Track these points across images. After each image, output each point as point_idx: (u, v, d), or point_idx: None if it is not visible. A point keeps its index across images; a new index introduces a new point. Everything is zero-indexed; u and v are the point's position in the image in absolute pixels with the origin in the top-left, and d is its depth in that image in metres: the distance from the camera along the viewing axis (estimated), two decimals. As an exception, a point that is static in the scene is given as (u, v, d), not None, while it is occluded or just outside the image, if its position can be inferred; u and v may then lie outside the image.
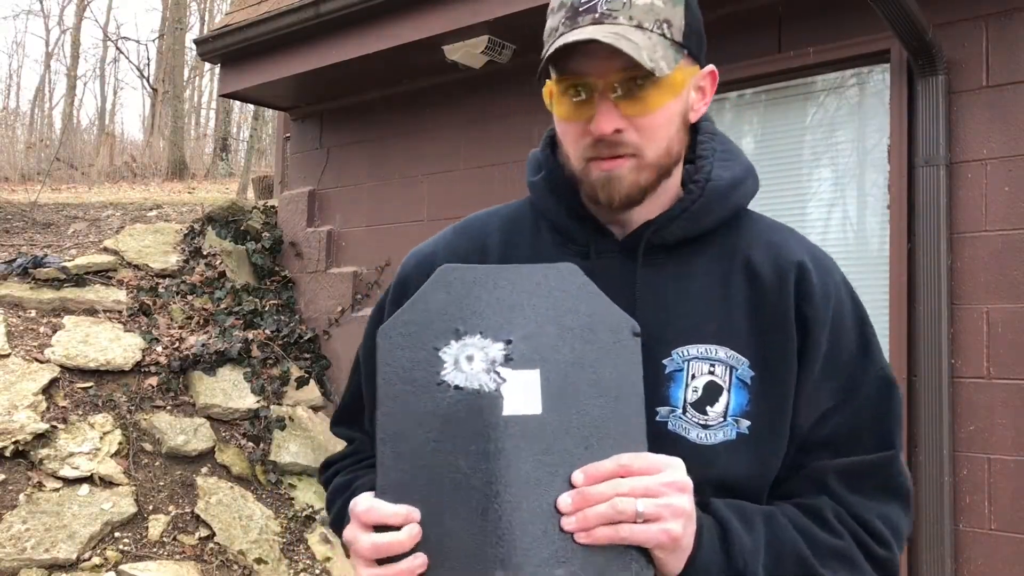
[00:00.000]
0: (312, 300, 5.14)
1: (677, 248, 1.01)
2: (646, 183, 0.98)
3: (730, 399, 0.97)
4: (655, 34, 0.92)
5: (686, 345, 0.97)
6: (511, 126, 4.34)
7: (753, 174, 1.07)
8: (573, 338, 0.88)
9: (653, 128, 0.95)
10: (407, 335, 0.87)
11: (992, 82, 2.94)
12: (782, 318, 0.98)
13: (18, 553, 3.31)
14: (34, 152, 14.20)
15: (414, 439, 0.84)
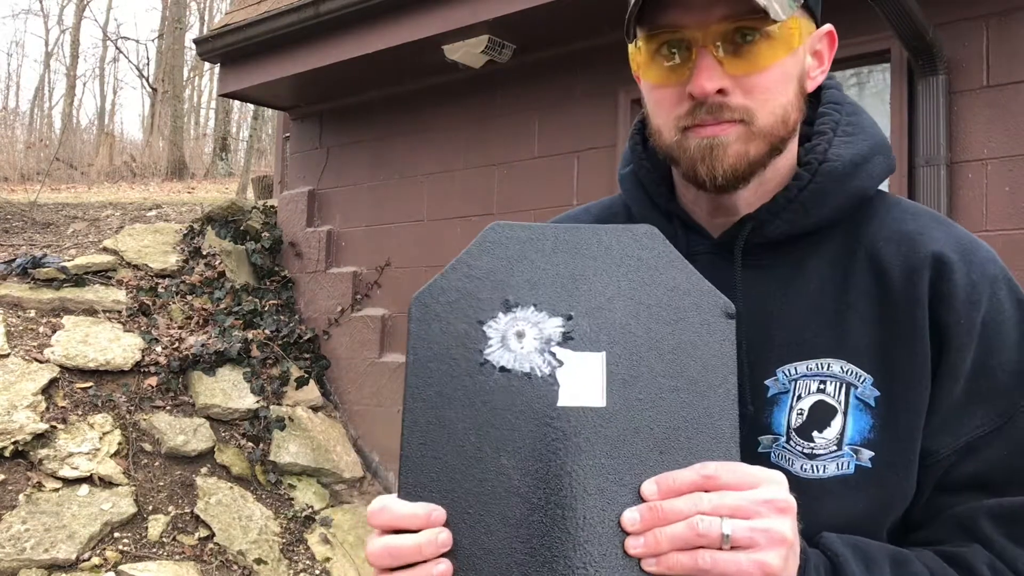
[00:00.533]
0: (312, 300, 5.14)
1: (785, 245, 0.85)
2: (756, 156, 0.81)
3: (847, 424, 0.79)
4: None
5: (793, 362, 0.82)
6: (511, 126, 4.34)
7: (884, 150, 0.88)
8: (649, 316, 0.72)
9: (765, 88, 0.80)
10: (446, 304, 0.72)
11: (992, 82, 2.94)
12: (912, 325, 0.80)
13: (17, 553, 3.31)
14: (33, 152, 14.20)
15: (448, 430, 0.69)
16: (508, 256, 0.74)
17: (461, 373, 0.70)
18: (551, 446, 0.68)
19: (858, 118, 0.89)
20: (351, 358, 4.88)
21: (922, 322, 0.80)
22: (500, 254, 0.74)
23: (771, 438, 0.81)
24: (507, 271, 0.73)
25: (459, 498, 0.68)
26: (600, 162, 3.99)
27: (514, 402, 0.69)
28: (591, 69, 4.04)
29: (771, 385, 0.82)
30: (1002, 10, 2.94)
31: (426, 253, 4.60)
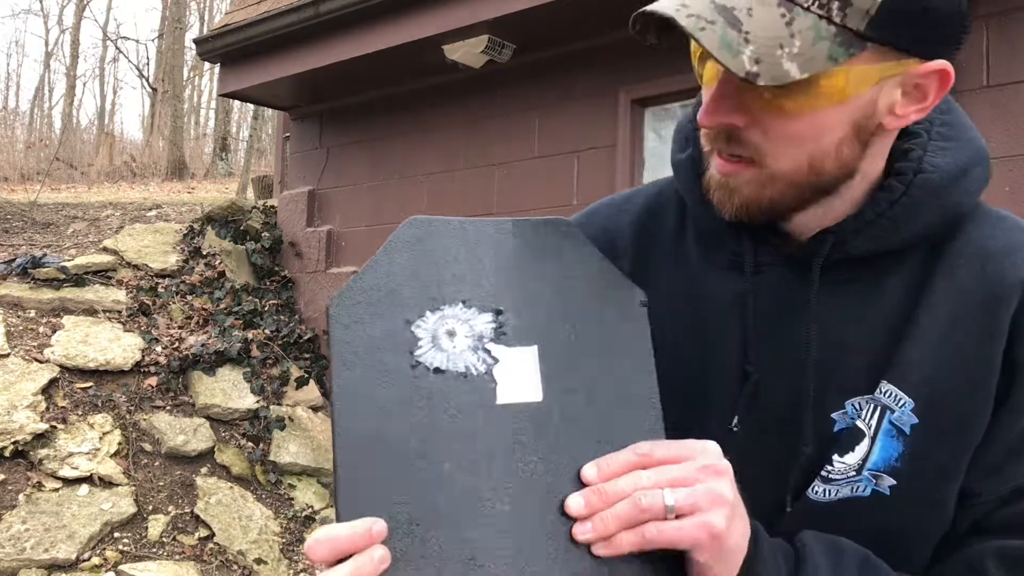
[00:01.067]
0: (312, 300, 5.14)
1: (863, 262, 0.75)
2: (778, 198, 0.72)
3: (872, 450, 0.72)
4: (812, 13, 0.63)
5: (864, 395, 0.73)
6: (511, 126, 4.34)
7: (983, 160, 0.76)
8: (570, 309, 0.71)
9: (787, 136, 0.68)
10: (369, 305, 0.67)
11: (993, 82, 2.94)
12: (980, 353, 0.71)
13: (17, 553, 3.31)
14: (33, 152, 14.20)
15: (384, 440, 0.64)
16: (429, 252, 0.70)
17: (393, 378, 0.66)
18: (494, 446, 0.66)
19: (954, 117, 0.77)
20: (351, 358, 4.88)
21: (994, 357, 0.71)
22: (421, 249, 0.70)
23: None
24: (430, 267, 0.70)
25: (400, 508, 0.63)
26: (600, 162, 3.99)
27: (452, 403, 0.66)
28: (591, 69, 4.04)
29: (838, 419, 0.73)
30: (1002, 10, 2.94)
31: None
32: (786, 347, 0.75)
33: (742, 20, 0.63)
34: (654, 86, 3.81)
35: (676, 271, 0.82)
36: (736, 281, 0.77)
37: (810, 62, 0.63)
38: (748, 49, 0.62)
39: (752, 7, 0.64)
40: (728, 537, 0.62)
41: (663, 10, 0.64)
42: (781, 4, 0.63)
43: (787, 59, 0.62)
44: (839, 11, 0.63)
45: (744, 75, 0.62)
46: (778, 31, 0.63)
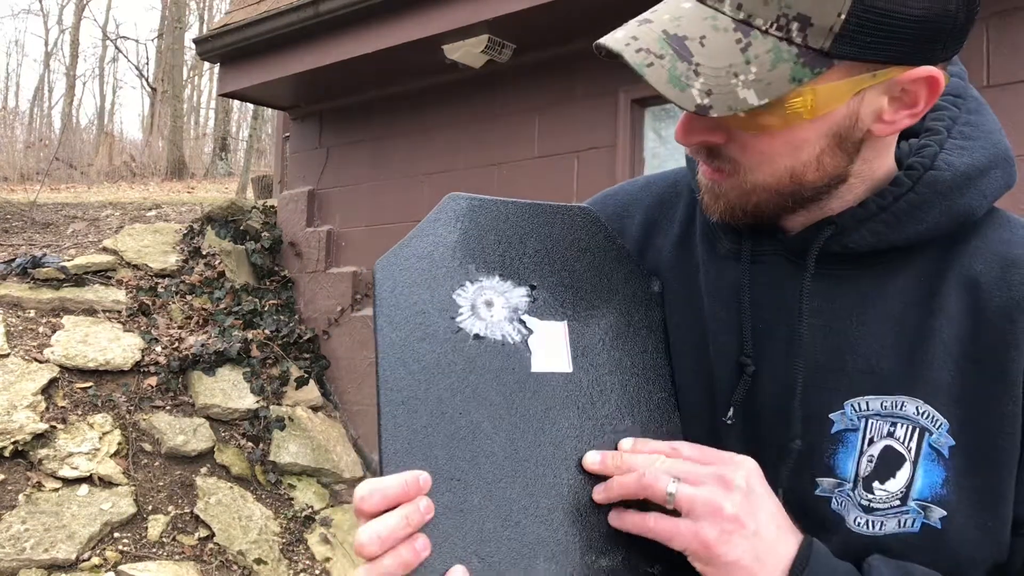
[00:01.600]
0: (312, 300, 5.14)
1: (867, 258, 0.73)
2: (760, 205, 0.71)
3: (915, 476, 0.68)
4: (771, 35, 0.62)
5: (865, 396, 0.70)
6: (511, 126, 4.34)
7: (1004, 163, 0.73)
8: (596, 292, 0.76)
9: (763, 152, 0.68)
10: (414, 271, 0.70)
11: (993, 82, 2.94)
12: (1004, 369, 0.68)
13: (17, 553, 3.30)
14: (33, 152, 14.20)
15: (427, 396, 0.67)
16: (468, 227, 0.74)
17: (437, 340, 0.69)
18: (529, 410, 0.69)
19: (980, 118, 0.75)
20: (351, 358, 4.88)
21: (1016, 369, 0.68)
22: (460, 226, 0.74)
23: (834, 482, 0.70)
24: (469, 241, 0.73)
25: (442, 463, 0.66)
26: (600, 162, 3.99)
27: (490, 368, 0.69)
28: (591, 69, 4.04)
29: (836, 419, 0.71)
30: (1002, 10, 2.94)
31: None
32: (782, 339, 0.74)
33: (693, 51, 0.62)
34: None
35: (680, 261, 0.82)
36: (735, 271, 0.76)
37: (769, 87, 0.61)
38: (698, 82, 0.61)
39: (706, 35, 0.62)
40: (723, 552, 0.62)
41: (612, 44, 0.64)
42: (737, 29, 0.62)
43: (743, 87, 0.61)
44: (799, 32, 0.61)
45: (695, 108, 0.61)
46: (731, 58, 0.61)
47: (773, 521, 0.65)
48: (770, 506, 0.66)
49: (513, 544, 0.66)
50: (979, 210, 0.72)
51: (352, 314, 4.91)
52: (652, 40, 0.63)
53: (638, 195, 0.90)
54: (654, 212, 0.87)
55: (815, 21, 0.61)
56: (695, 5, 0.64)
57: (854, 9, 0.60)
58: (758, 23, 0.62)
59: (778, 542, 0.64)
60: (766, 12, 0.61)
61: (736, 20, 0.62)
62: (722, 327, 0.77)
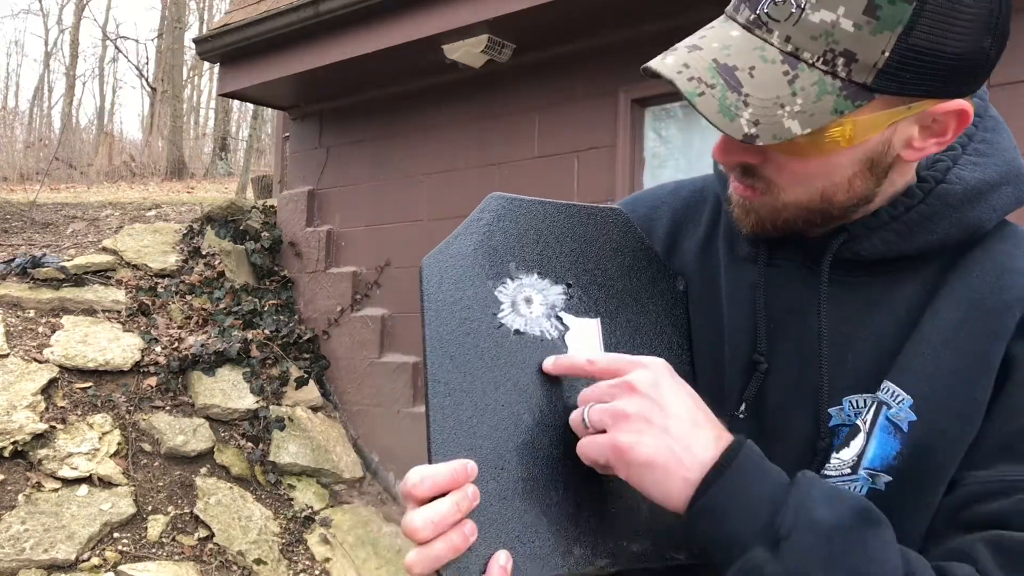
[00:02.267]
0: (311, 300, 5.14)
1: (879, 265, 0.76)
2: (790, 221, 0.74)
3: (868, 446, 0.72)
4: (817, 69, 0.64)
5: (863, 394, 0.73)
6: (511, 126, 4.34)
7: (1015, 179, 0.76)
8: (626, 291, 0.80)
9: (798, 174, 0.71)
10: (458, 268, 0.74)
11: (993, 82, 2.94)
12: (982, 354, 0.71)
13: (17, 554, 3.30)
14: (33, 152, 14.20)
15: (470, 388, 0.70)
16: (508, 226, 0.78)
17: (481, 334, 0.72)
18: (566, 403, 0.73)
19: (996, 136, 0.78)
20: (351, 358, 4.87)
21: (996, 357, 0.70)
22: (501, 225, 0.77)
23: None
24: (509, 240, 0.77)
25: (487, 452, 0.69)
26: (600, 162, 3.99)
27: (530, 363, 0.73)
28: (591, 69, 4.04)
29: (835, 414, 0.74)
30: (1003, 10, 2.93)
31: (426, 253, 4.58)
32: (794, 340, 0.77)
33: (743, 81, 0.65)
34: (654, 86, 3.80)
35: (704, 263, 0.85)
36: (752, 273, 0.80)
37: (812, 118, 0.64)
38: (747, 112, 0.64)
39: (755, 66, 0.65)
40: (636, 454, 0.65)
41: (665, 71, 0.66)
42: (785, 61, 0.65)
43: (788, 117, 0.64)
44: (844, 67, 0.64)
45: (742, 137, 0.64)
46: (779, 90, 0.64)
47: (688, 417, 0.66)
48: (684, 403, 0.67)
49: (552, 530, 0.69)
50: (988, 223, 0.74)
51: (352, 314, 4.90)
52: (703, 69, 0.66)
53: (667, 198, 0.93)
54: (681, 215, 0.90)
55: (860, 57, 0.64)
56: (744, 35, 0.67)
57: (897, 47, 0.63)
58: (805, 56, 0.65)
59: (694, 438, 0.65)
60: (814, 47, 0.64)
61: (784, 52, 0.65)
62: (737, 326, 0.80)
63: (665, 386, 0.68)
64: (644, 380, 0.67)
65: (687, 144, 3.87)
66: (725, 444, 0.66)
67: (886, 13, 0.62)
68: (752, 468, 0.66)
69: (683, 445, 0.65)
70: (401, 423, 4.58)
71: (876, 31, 0.63)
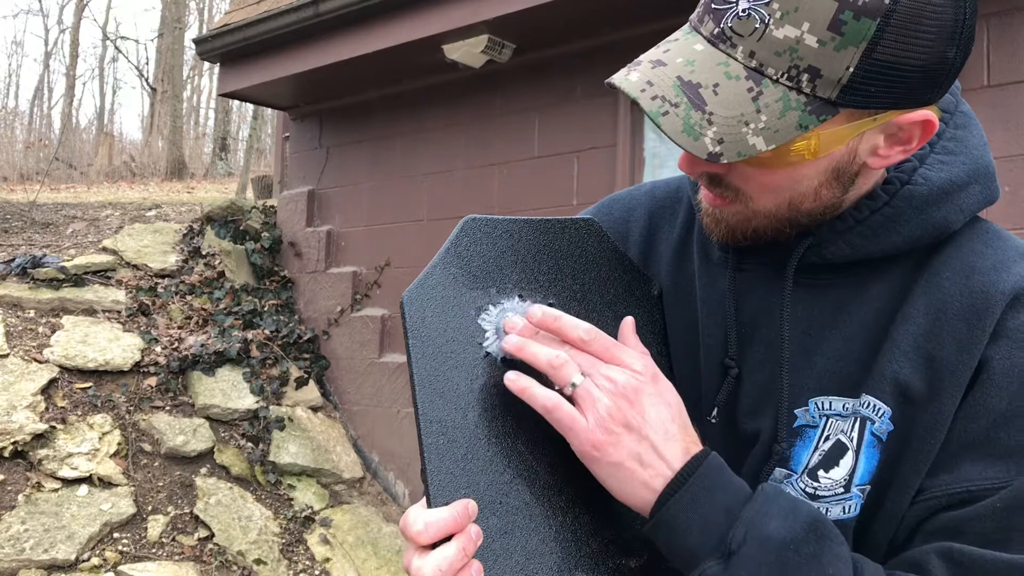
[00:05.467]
0: (311, 300, 5.14)
1: (847, 267, 0.76)
2: (759, 229, 0.75)
3: (858, 464, 0.72)
4: (782, 84, 0.64)
5: (829, 396, 0.74)
6: (511, 126, 4.33)
7: (984, 178, 0.76)
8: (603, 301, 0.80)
9: (765, 185, 0.71)
10: (439, 300, 0.72)
11: (993, 82, 2.94)
12: (955, 363, 0.70)
13: (17, 554, 3.30)
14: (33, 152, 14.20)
15: (463, 424, 0.69)
16: (486, 250, 0.76)
17: (468, 365, 0.71)
18: None
19: (965, 133, 0.77)
20: (351, 358, 4.87)
21: (968, 367, 0.70)
22: (479, 249, 0.76)
23: (784, 472, 0.74)
24: (488, 264, 0.76)
25: (484, 488, 0.69)
26: (600, 162, 3.99)
27: None
28: (591, 69, 4.04)
29: (800, 415, 0.74)
30: (1002, 10, 2.93)
31: (426, 253, 4.58)
32: (763, 344, 0.78)
33: (707, 99, 0.64)
34: (654, 86, 3.80)
35: (678, 266, 0.86)
36: (724, 278, 0.80)
37: (777, 134, 0.64)
38: (711, 131, 0.64)
39: (719, 83, 0.65)
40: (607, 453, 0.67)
41: (628, 89, 0.67)
42: (749, 77, 0.64)
43: (752, 134, 0.64)
44: (808, 82, 0.64)
45: (707, 157, 0.64)
46: (743, 107, 0.64)
47: (663, 428, 0.69)
48: (660, 414, 0.69)
49: (555, 557, 0.70)
50: (955, 223, 0.74)
51: (352, 314, 4.90)
52: (667, 87, 0.66)
53: (642, 200, 0.93)
54: (656, 217, 0.90)
55: (824, 73, 0.63)
56: (708, 49, 0.66)
57: (862, 63, 0.63)
58: (769, 72, 0.64)
59: (665, 447, 0.68)
60: (778, 63, 0.64)
61: (748, 68, 0.65)
62: (710, 331, 0.81)
63: (647, 393, 0.69)
64: (628, 382, 0.69)
65: (687, 144, 3.87)
66: (691, 455, 0.69)
67: (851, 29, 0.62)
68: (711, 482, 0.67)
69: (652, 456, 0.68)
70: (401, 423, 4.58)
71: (840, 47, 0.62)
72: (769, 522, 0.65)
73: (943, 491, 0.69)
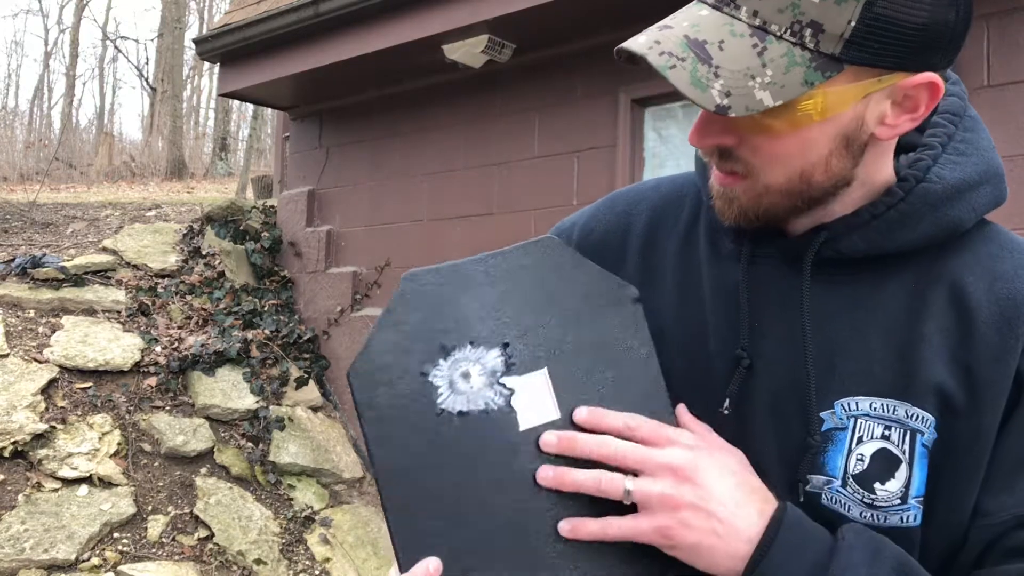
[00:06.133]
0: (311, 300, 5.14)
1: (863, 262, 0.76)
2: (771, 208, 0.74)
3: (912, 475, 0.72)
4: (786, 40, 0.65)
5: (855, 396, 0.73)
6: (511, 126, 4.34)
7: (994, 179, 0.77)
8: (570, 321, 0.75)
9: (775, 154, 0.71)
10: (384, 366, 0.71)
11: (993, 82, 2.94)
12: (994, 370, 0.71)
13: (17, 554, 3.30)
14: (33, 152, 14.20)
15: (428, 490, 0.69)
16: (430, 302, 0.73)
17: (423, 430, 0.70)
18: (528, 470, 0.71)
19: (975, 136, 0.78)
20: (351, 358, 4.86)
21: (1006, 377, 0.71)
22: (422, 303, 0.73)
23: (823, 480, 0.73)
24: (434, 316, 0.73)
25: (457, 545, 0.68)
26: (600, 162, 3.99)
27: (481, 441, 0.71)
28: (591, 69, 4.04)
29: (827, 418, 0.73)
30: (1003, 10, 2.93)
31: (426, 253, 4.59)
32: (778, 338, 0.77)
33: (712, 55, 0.66)
34: (654, 86, 3.80)
35: (683, 260, 0.85)
36: (735, 270, 0.80)
37: (783, 90, 0.65)
38: (717, 84, 0.65)
39: (724, 39, 0.66)
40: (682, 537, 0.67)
41: (636, 48, 0.67)
42: (754, 34, 0.66)
43: (759, 88, 0.65)
44: (812, 37, 0.65)
45: (714, 108, 0.64)
46: (749, 62, 0.65)
47: (731, 497, 0.69)
48: (725, 483, 0.69)
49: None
50: (967, 222, 0.75)
51: (352, 314, 4.90)
52: (674, 44, 0.66)
53: (648, 194, 0.93)
54: (660, 211, 0.90)
55: (827, 28, 0.65)
56: (712, 12, 0.68)
57: (863, 17, 0.64)
58: (773, 29, 0.65)
59: (739, 517, 0.68)
60: (781, 19, 0.65)
61: (752, 26, 0.66)
62: (722, 323, 0.80)
63: (705, 467, 0.69)
64: (685, 462, 0.69)
65: (687, 144, 3.87)
66: (768, 516, 0.69)
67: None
68: (796, 539, 0.68)
69: (728, 526, 0.68)
70: (401, 423, 4.58)
71: (841, 0, 0.63)
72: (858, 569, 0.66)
73: (1010, 513, 0.70)
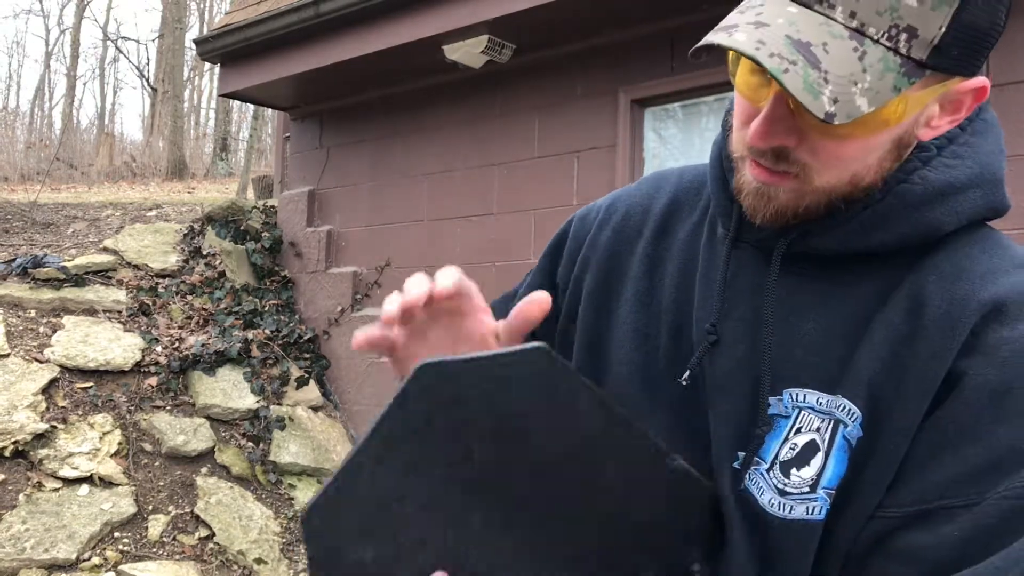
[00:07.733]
0: (312, 300, 5.14)
1: (836, 261, 0.75)
2: (808, 207, 0.72)
3: (827, 465, 0.71)
4: (881, 45, 0.63)
5: (803, 388, 0.73)
6: (511, 126, 4.34)
7: (988, 185, 0.74)
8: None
9: (836, 156, 0.69)
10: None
11: (993, 82, 2.93)
12: (926, 371, 0.68)
13: (17, 553, 3.31)
14: (34, 152, 14.21)
15: None
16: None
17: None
18: None
19: (980, 140, 0.76)
20: (351, 358, 4.88)
21: (936, 377, 0.68)
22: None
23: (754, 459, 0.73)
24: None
25: None
26: (600, 162, 3.99)
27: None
28: (591, 69, 4.04)
29: (774, 404, 0.73)
30: (1002, 10, 2.93)
31: (426, 253, 4.60)
32: (743, 321, 0.77)
33: (820, 58, 0.63)
34: (654, 86, 3.81)
35: (689, 245, 0.86)
36: (722, 253, 0.80)
37: (877, 96, 0.63)
38: (827, 90, 0.62)
39: (827, 42, 0.63)
40: None
41: (741, 47, 0.63)
42: (852, 37, 0.63)
43: (859, 95, 0.63)
44: (906, 42, 0.63)
45: (823, 116, 0.61)
46: (852, 67, 0.63)
47: None
48: None
49: None
50: (947, 226, 0.72)
51: (352, 314, 4.91)
52: (780, 45, 0.63)
53: (672, 180, 0.93)
54: (680, 197, 0.90)
55: (920, 33, 0.63)
56: (803, 11, 0.65)
57: (953, 23, 0.63)
58: (871, 32, 0.63)
59: None
60: (879, 22, 0.63)
61: (849, 28, 0.64)
62: (703, 302, 0.81)
63: None
64: None
65: (687, 144, 3.87)
66: None
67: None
68: None
69: None
70: (401, 423, 4.58)
71: (936, 6, 0.62)
72: None
73: (900, 508, 0.67)
